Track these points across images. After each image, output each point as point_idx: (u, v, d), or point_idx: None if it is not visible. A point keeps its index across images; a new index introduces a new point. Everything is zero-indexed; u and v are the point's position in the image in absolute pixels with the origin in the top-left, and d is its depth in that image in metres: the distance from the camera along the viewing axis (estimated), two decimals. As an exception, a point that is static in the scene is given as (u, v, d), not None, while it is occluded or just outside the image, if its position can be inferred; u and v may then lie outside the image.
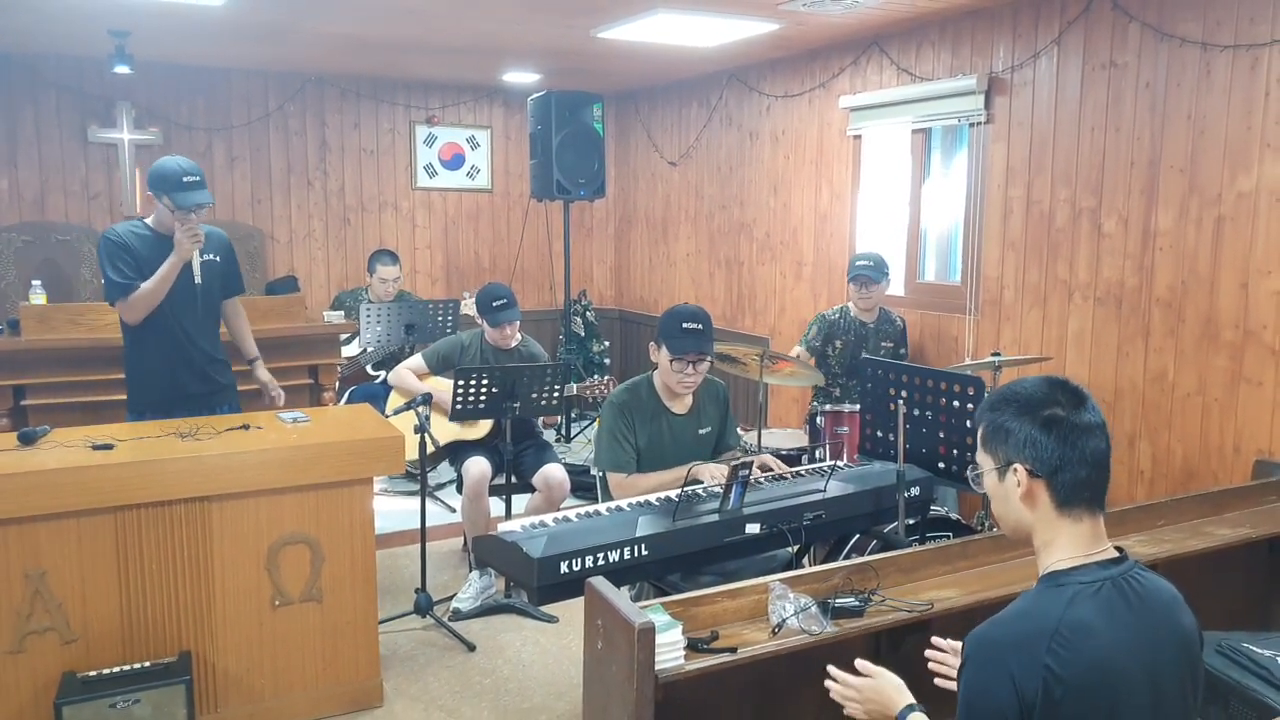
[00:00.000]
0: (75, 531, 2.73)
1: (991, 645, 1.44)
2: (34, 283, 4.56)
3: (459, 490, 4.21)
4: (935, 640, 1.80)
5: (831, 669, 1.75)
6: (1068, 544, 1.50)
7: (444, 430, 4.16)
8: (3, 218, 5.98)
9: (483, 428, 4.22)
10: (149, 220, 3.45)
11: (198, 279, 3.44)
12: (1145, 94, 3.81)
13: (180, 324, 3.44)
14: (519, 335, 4.39)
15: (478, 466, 4.06)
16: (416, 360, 4.41)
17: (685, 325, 3.07)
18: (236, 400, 3.71)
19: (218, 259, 3.56)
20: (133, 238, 3.38)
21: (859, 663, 1.73)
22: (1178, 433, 3.78)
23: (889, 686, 1.66)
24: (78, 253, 6.04)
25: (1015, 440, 1.50)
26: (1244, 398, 3.54)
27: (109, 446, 2.87)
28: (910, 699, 1.63)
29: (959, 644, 1.73)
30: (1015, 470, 1.51)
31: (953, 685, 1.72)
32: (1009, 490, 1.53)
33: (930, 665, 1.79)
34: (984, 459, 1.57)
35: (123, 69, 5.26)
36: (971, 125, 4.59)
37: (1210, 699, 2.25)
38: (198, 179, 3.35)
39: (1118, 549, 1.53)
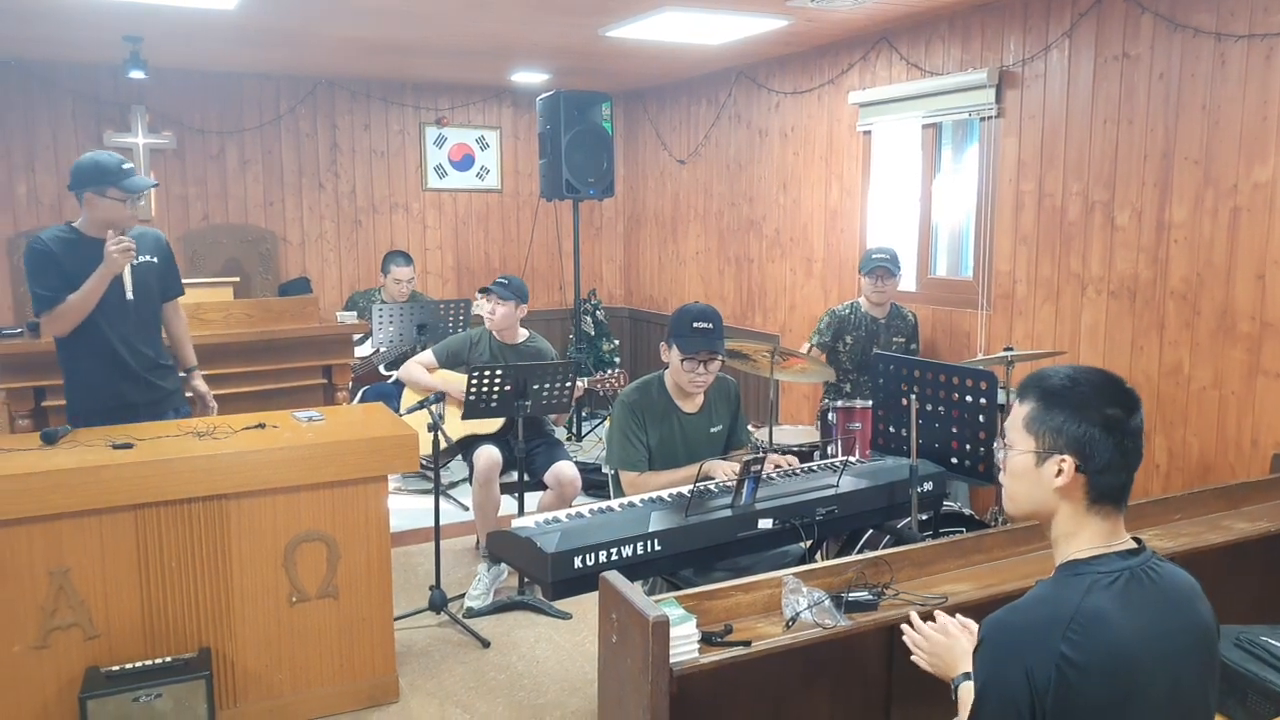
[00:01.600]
0: (97, 529, 2.76)
1: (1007, 630, 1.45)
2: (52, 286, 4.59)
3: (471, 482, 4.24)
4: (938, 615, 1.80)
5: (913, 615, 1.81)
6: (1090, 537, 1.50)
7: (456, 425, 4.18)
8: (21, 222, 6.04)
9: (495, 422, 4.25)
10: (76, 223, 3.26)
11: (129, 293, 3.22)
12: (1159, 85, 3.79)
13: (115, 332, 3.26)
14: (526, 332, 4.43)
15: (488, 454, 4.10)
16: (427, 355, 4.45)
17: (696, 324, 3.07)
18: (185, 404, 3.57)
19: (154, 260, 3.38)
20: (60, 244, 3.19)
21: (943, 616, 1.77)
22: (1194, 426, 3.76)
23: (959, 650, 1.69)
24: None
25: (1070, 433, 1.48)
26: (1261, 390, 3.52)
27: (129, 446, 2.90)
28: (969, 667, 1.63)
29: (942, 621, 1.75)
30: (1062, 461, 1.49)
31: (925, 665, 1.75)
32: (1044, 476, 1.51)
33: (905, 639, 1.81)
34: (1023, 439, 1.54)
35: (137, 74, 5.31)
36: (982, 119, 4.57)
37: (1228, 692, 2.24)
38: (132, 165, 3.22)
39: (1136, 540, 1.53)
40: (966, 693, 1.60)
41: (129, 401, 3.33)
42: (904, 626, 1.80)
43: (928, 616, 2.06)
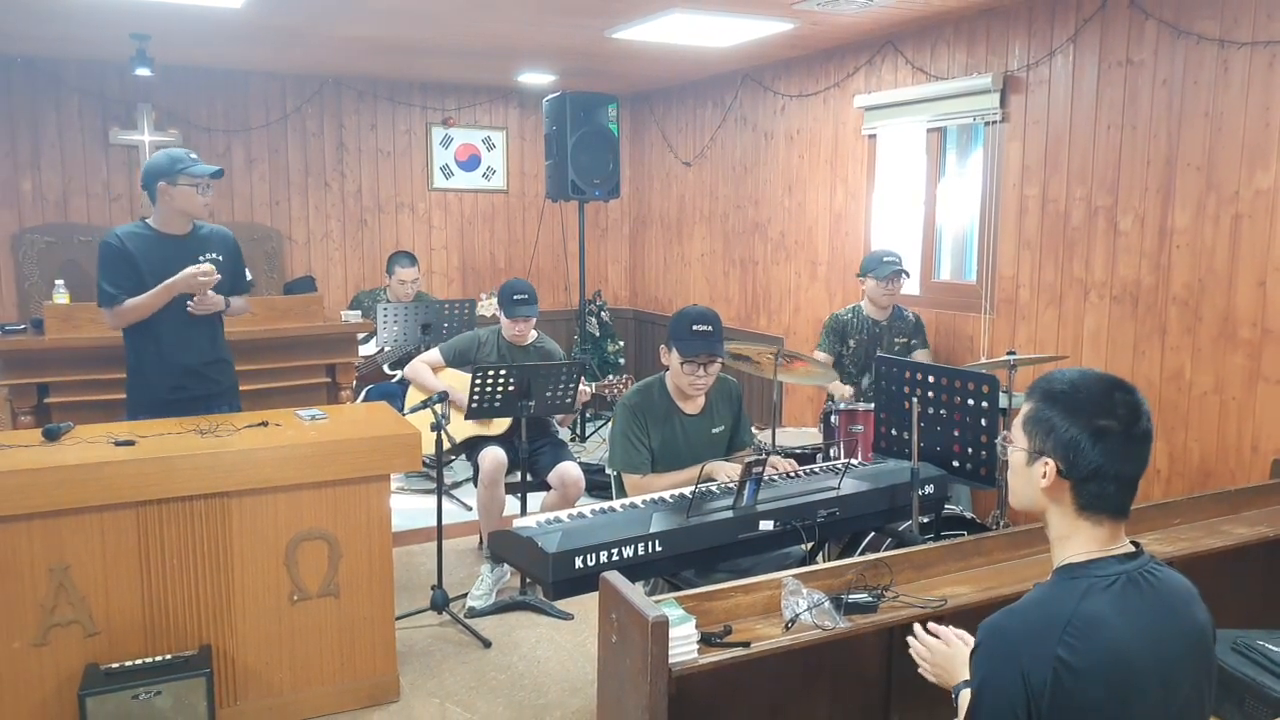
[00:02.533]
0: (98, 526, 2.77)
1: (1003, 633, 1.45)
2: (57, 283, 4.62)
3: (476, 485, 4.24)
4: (933, 627, 1.80)
5: (918, 628, 1.80)
6: (1084, 541, 1.50)
7: (461, 428, 4.19)
8: (27, 219, 6.06)
9: (500, 426, 4.25)
10: (150, 220, 3.37)
11: (189, 305, 3.30)
12: (1162, 91, 3.79)
13: (179, 326, 3.34)
14: (535, 333, 4.41)
15: (493, 455, 4.09)
16: (433, 354, 4.43)
17: (695, 327, 3.08)
18: (237, 401, 3.63)
19: (220, 258, 3.45)
20: (134, 241, 3.29)
21: (947, 629, 1.77)
22: (1195, 432, 3.76)
23: (960, 658, 1.69)
24: (97, 251, 6.11)
25: (1058, 436, 1.48)
26: (1262, 396, 3.52)
27: (131, 443, 2.91)
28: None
29: (946, 630, 1.75)
30: (1045, 464, 1.50)
31: (930, 676, 1.75)
32: (1034, 476, 1.53)
33: (911, 651, 1.80)
34: (1020, 437, 1.56)
35: (144, 72, 5.33)
36: (987, 124, 4.58)
37: (1225, 696, 2.24)
38: (198, 156, 3.31)
39: (1134, 544, 1.53)
40: (966, 700, 1.61)
41: (184, 395, 3.41)
42: (910, 639, 1.80)
43: (930, 619, 2.06)
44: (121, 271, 3.26)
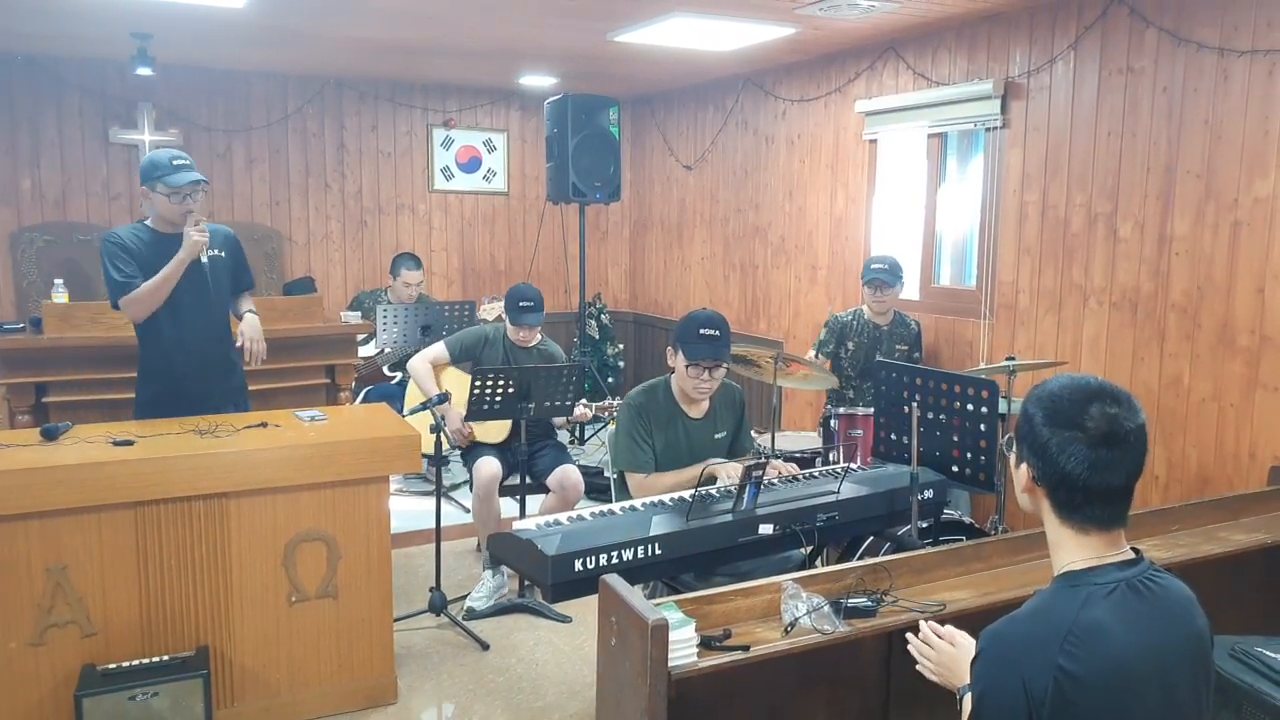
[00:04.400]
0: (96, 526, 2.77)
1: (1004, 642, 1.45)
2: (56, 282, 4.63)
3: (471, 491, 4.24)
4: (937, 628, 1.79)
5: (923, 626, 1.78)
6: (1074, 549, 1.50)
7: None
8: (26, 218, 6.06)
9: (499, 432, 4.24)
10: (148, 221, 3.38)
11: (209, 274, 3.36)
12: (1162, 99, 3.80)
13: (187, 323, 3.36)
14: (539, 336, 4.41)
15: (488, 466, 4.07)
16: (438, 348, 4.35)
17: (702, 331, 3.08)
18: (246, 401, 3.64)
19: (224, 255, 3.48)
20: (133, 239, 3.31)
21: (948, 629, 1.76)
22: (1193, 438, 3.76)
23: (966, 660, 1.68)
24: (99, 253, 6.10)
25: (1033, 442, 1.49)
26: (1260, 403, 3.52)
27: (129, 443, 2.91)
28: None
29: (945, 630, 1.75)
30: (1024, 468, 1.53)
31: (933, 676, 1.74)
32: (1019, 479, 1.56)
33: (911, 649, 1.80)
34: (1015, 441, 1.58)
35: (144, 71, 5.33)
36: (987, 130, 4.58)
37: (1223, 703, 2.24)
38: (187, 162, 3.30)
39: (1134, 550, 1.53)
40: (969, 703, 1.61)
41: (194, 393, 3.41)
42: (910, 635, 1.80)
43: (941, 621, 2.06)
44: (126, 261, 3.27)
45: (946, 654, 1.72)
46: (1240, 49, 3.52)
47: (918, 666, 1.78)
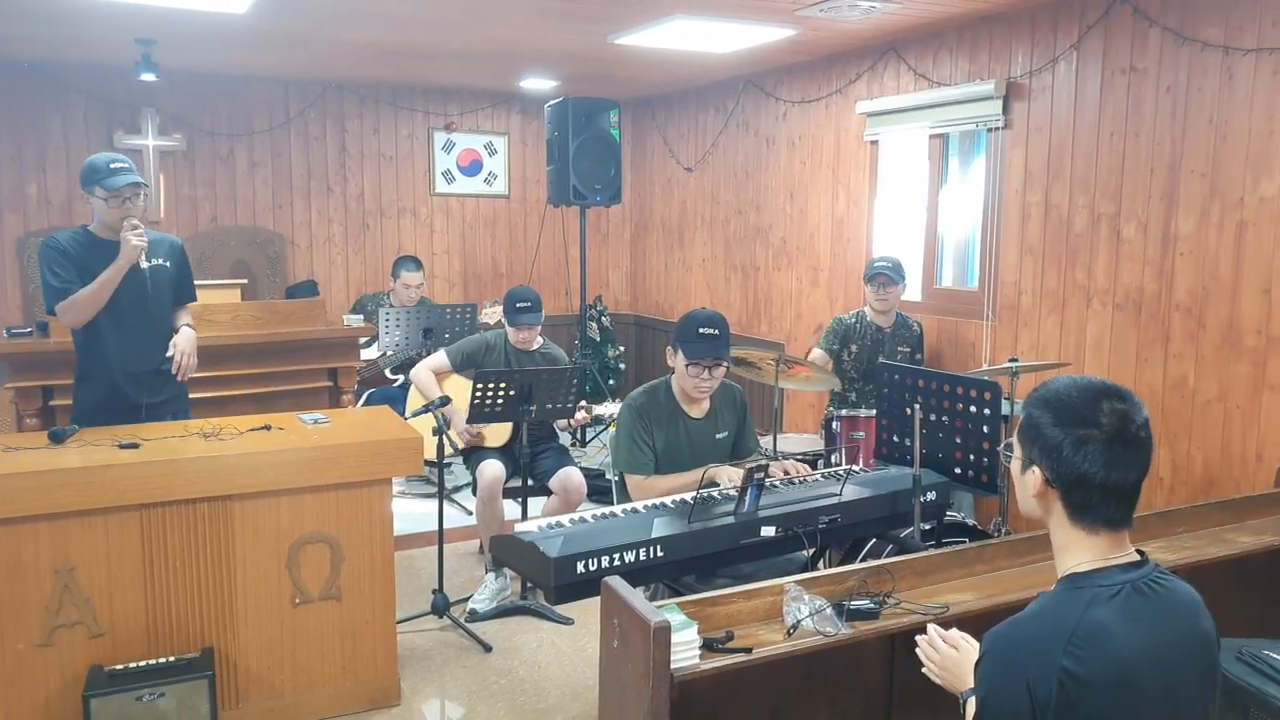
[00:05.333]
0: (103, 528, 2.78)
1: (1008, 644, 1.45)
2: (61, 286, 4.62)
3: (474, 494, 4.24)
4: (941, 631, 1.79)
5: (932, 630, 1.78)
6: (1082, 551, 1.49)
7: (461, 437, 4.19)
8: (32, 223, 6.08)
9: (501, 435, 4.24)
10: (90, 226, 3.32)
11: (149, 282, 3.30)
12: (1166, 98, 3.80)
13: (123, 330, 3.30)
14: (540, 339, 4.41)
15: (492, 469, 4.08)
16: (440, 357, 4.37)
17: (701, 330, 3.08)
18: (187, 408, 3.58)
19: (168, 264, 3.42)
20: (72, 243, 3.25)
21: (955, 633, 1.76)
22: (1198, 440, 3.75)
23: (970, 663, 1.67)
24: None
25: (1044, 444, 1.48)
26: (1267, 405, 3.52)
27: (135, 446, 2.92)
28: None
29: (952, 634, 1.75)
30: (1034, 471, 1.51)
31: (937, 679, 1.74)
32: (1027, 485, 1.54)
33: (919, 652, 1.79)
34: (1016, 446, 1.57)
35: (148, 76, 5.35)
36: (989, 130, 4.58)
37: (1230, 706, 2.23)
38: (126, 165, 3.24)
39: (1139, 552, 1.53)
40: (974, 708, 1.61)
41: (133, 401, 3.35)
42: (919, 639, 1.79)
43: (944, 624, 2.06)
44: (64, 265, 3.20)
45: (950, 658, 1.72)
46: (1245, 48, 3.51)
47: (923, 669, 1.77)
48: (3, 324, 5.51)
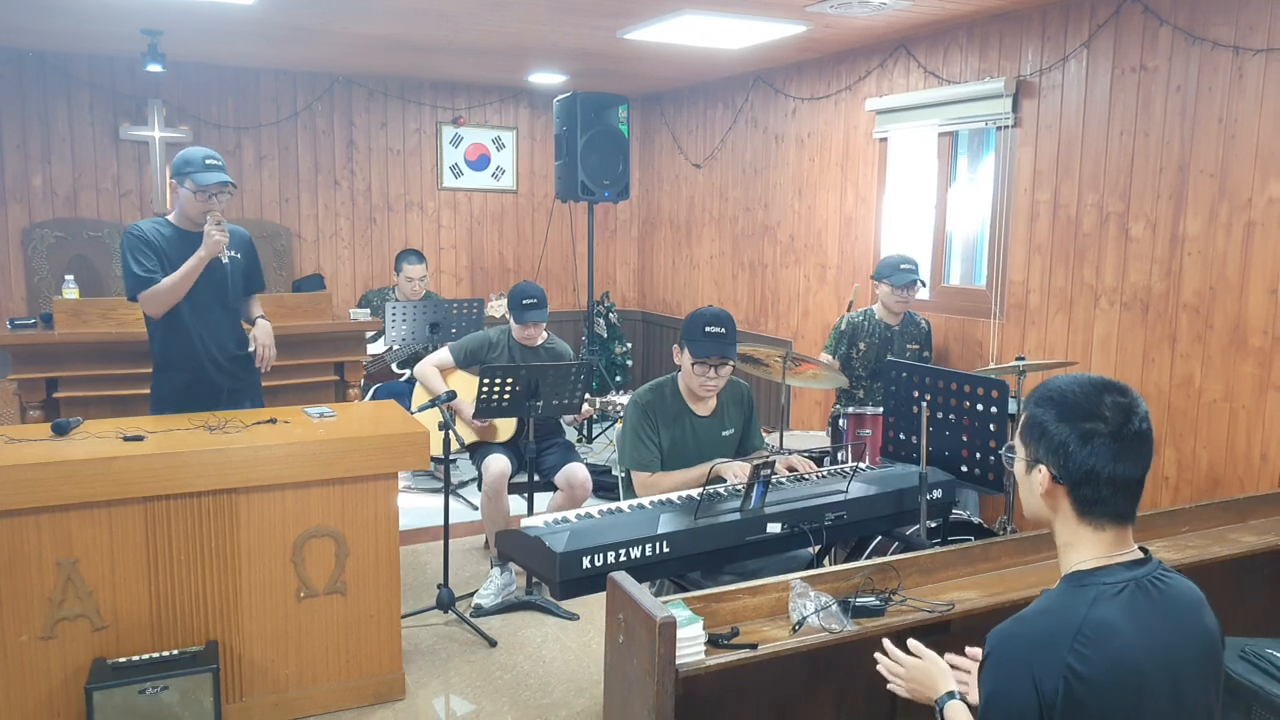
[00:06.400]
0: (106, 521, 2.78)
1: (1013, 643, 1.44)
2: (66, 278, 4.65)
3: (480, 489, 4.24)
4: (886, 646, 1.78)
5: (886, 643, 1.78)
6: (1089, 547, 1.49)
7: (468, 431, 4.19)
8: (37, 214, 6.09)
9: (506, 430, 4.24)
10: (171, 217, 3.45)
11: (229, 274, 3.46)
12: (1175, 98, 3.78)
13: (204, 319, 3.43)
14: (545, 334, 4.41)
15: (497, 464, 4.07)
16: (443, 354, 4.39)
17: (708, 329, 3.08)
18: (260, 396, 3.71)
19: (240, 257, 3.57)
20: (155, 233, 3.36)
21: (912, 643, 1.76)
22: (1203, 439, 3.74)
23: (936, 670, 1.68)
24: (109, 249, 6.14)
25: (1049, 442, 1.48)
26: (1272, 405, 3.50)
27: (139, 438, 2.92)
28: (953, 686, 1.65)
29: (916, 647, 1.74)
30: (1040, 470, 1.51)
31: (904, 693, 1.73)
32: (1033, 484, 1.54)
33: (880, 668, 1.78)
34: (1019, 446, 1.57)
35: (155, 68, 5.35)
36: (999, 129, 4.57)
37: (1233, 704, 2.23)
38: (219, 163, 3.37)
39: (1142, 549, 1.53)
40: (953, 711, 1.61)
41: (210, 388, 3.48)
42: (878, 655, 1.79)
43: (936, 626, 2.06)
44: (147, 255, 3.33)
45: (915, 667, 1.72)
46: (1255, 47, 3.49)
47: (889, 685, 1.76)
48: (7, 315, 5.53)
